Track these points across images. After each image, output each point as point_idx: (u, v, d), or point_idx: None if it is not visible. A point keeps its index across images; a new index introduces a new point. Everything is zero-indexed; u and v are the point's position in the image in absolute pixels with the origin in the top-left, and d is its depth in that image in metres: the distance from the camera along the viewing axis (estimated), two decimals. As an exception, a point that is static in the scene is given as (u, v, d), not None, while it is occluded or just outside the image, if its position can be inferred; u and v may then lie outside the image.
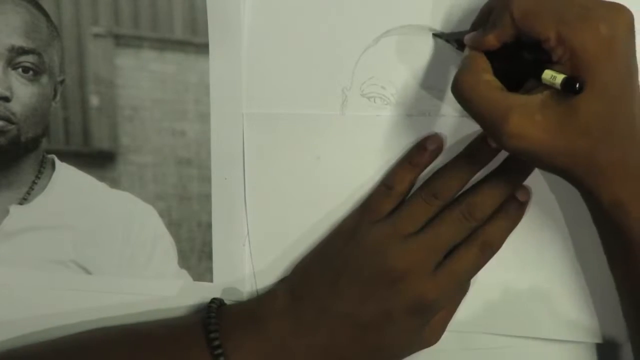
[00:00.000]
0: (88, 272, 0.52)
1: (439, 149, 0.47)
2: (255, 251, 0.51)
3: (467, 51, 0.42)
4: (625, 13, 0.38)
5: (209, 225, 0.51)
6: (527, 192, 0.47)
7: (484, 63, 0.41)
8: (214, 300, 0.49)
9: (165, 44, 0.48)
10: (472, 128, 0.46)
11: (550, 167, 0.41)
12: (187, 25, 0.48)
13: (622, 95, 0.38)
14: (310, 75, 0.48)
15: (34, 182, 0.51)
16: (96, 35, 0.49)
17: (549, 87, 0.39)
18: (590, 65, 0.37)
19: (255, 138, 0.49)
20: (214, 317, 0.46)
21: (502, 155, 0.46)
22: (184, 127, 0.49)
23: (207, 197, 0.50)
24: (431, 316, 0.46)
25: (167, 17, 0.48)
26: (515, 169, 0.46)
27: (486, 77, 0.40)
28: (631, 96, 0.39)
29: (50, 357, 0.48)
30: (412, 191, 0.47)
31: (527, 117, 0.39)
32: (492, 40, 0.41)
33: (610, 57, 0.37)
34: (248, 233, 0.50)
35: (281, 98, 0.48)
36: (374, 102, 0.48)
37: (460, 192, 0.46)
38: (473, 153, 0.46)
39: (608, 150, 0.39)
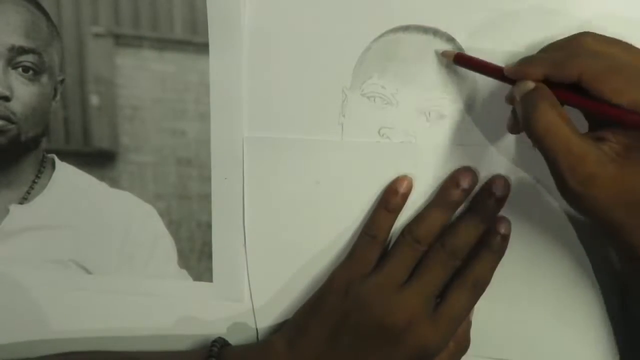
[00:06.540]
0: (88, 272, 0.52)
1: (408, 190, 0.48)
2: (253, 268, 0.51)
3: (529, 84, 0.41)
4: None
5: (209, 225, 0.50)
6: (508, 224, 0.47)
7: (554, 98, 0.40)
8: (215, 342, 0.49)
9: (165, 44, 0.48)
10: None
11: (601, 218, 0.40)
12: (187, 25, 0.48)
13: None
14: (310, 75, 0.48)
15: (34, 182, 0.51)
16: (96, 35, 0.49)
17: (621, 139, 0.39)
18: None
19: (255, 137, 0.49)
20: None
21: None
22: (184, 127, 0.49)
23: (207, 197, 0.50)
24: None
25: (167, 17, 0.48)
26: (486, 205, 0.47)
27: (563, 115, 0.40)
28: None
29: None
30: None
31: (601, 165, 0.39)
32: (565, 76, 0.40)
33: None
34: (245, 245, 0.50)
35: (281, 98, 0.48)
36: (374, 101, 0.48)
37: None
38: (448, 198, 0.47)
39: None
